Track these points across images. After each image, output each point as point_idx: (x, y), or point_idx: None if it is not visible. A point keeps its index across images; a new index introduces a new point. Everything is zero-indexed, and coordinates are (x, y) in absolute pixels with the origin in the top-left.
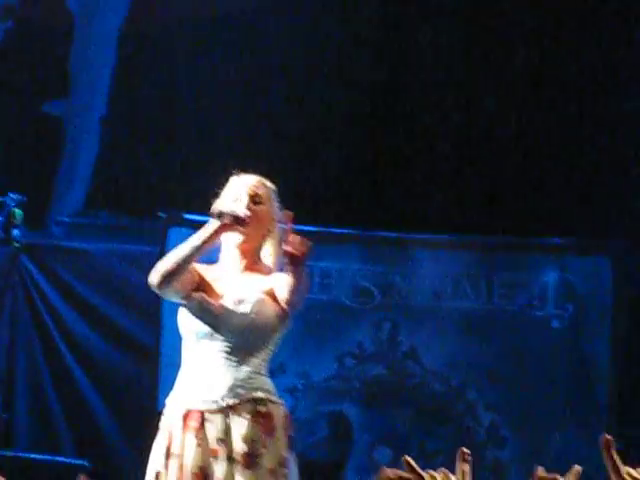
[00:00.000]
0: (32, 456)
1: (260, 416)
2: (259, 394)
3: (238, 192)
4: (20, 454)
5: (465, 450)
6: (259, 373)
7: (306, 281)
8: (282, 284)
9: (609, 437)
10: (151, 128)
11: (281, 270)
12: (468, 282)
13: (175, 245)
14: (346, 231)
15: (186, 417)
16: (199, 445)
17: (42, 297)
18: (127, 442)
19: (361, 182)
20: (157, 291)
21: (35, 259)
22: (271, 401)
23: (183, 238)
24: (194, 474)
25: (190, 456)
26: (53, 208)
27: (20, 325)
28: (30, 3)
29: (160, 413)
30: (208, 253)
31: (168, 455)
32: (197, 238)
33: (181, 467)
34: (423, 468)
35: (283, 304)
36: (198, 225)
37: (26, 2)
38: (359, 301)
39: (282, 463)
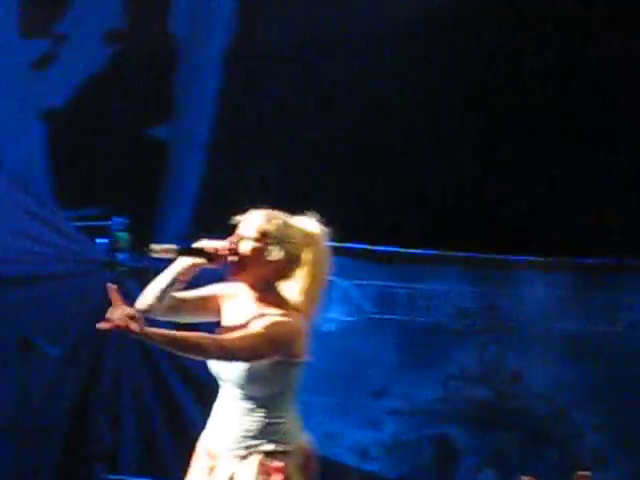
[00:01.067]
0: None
1: (268, 470)
2: (270, 447)
3: (241, 232)
4: (127, 478)
5: (585, 474)
6: (273, 420)
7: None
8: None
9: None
10: (254, 151)
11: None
12: (573, 304)
13: None
14: (451, 253)
15: (207, 454)
16: None
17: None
18: None
19: (467, 205)
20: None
21: (140, 283)
22: (283, 452)
23: None
24: None
25: None
26: (158, 231)
27: (126, 349)
28: (135, 28)
29: None
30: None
31: None
32: (169, 272)
33: None
34: None
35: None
36: None
37: (132, 27)
38: (464, 323)
39: None
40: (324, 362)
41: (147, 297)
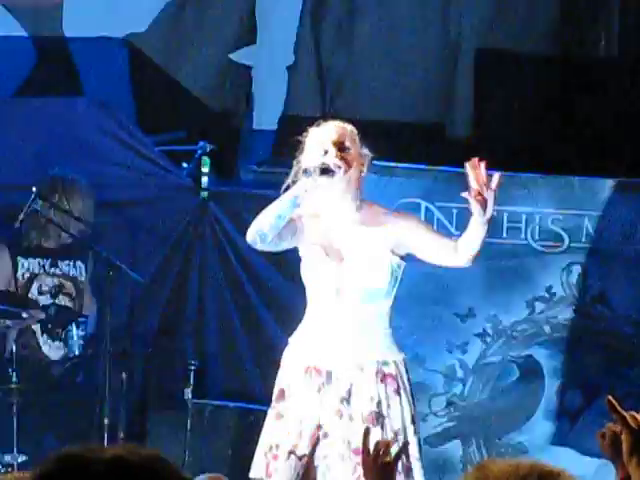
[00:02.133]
0: (226, 404)
1: (385, 377)
2: (385, 356)
3: (323, 144)
4: (213, 402)
5: None
6: (384, 331)
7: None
8: (433, 237)
9: (610, 397)
10: (334, 77)
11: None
12: None
13: None
14: (536, 175)
15: (309, 372)
16: (322, 403)
17: (231, 244)
18: None
19: (552, 125)
20: (256, 247)
21: (224, 207)
22: (396, 361)
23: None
24: (314, 431)
25: (310, 413)
26: (242, 156)
27: (210, 273)
28: None
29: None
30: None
31: (285, 409)
32: (290, 194)
33: (300, 422)
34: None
35: (459, 261)
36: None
37: None
38: (548, 245)
39: (410, 422)
40: (410, 285)
41: (268, 219)
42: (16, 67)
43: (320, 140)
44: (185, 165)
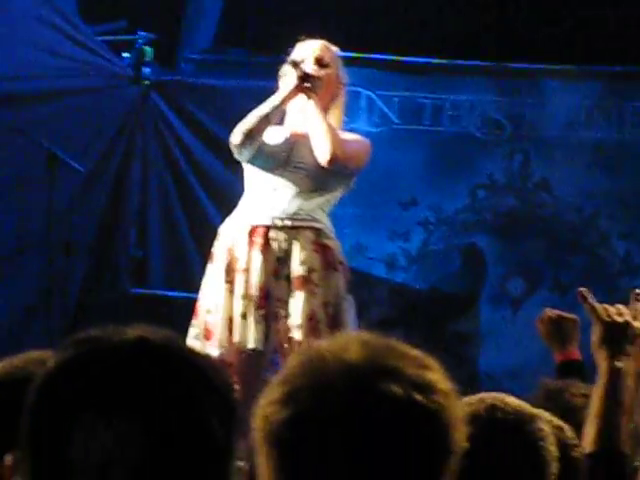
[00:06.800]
0: (168, 293)
1: (319, 246)
2: (321, 225)
3: (303, 56)
4: (155, 292)
5: (638, 291)
6: (323, 210)
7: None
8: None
9: (582, 289)
10: None
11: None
12: (599, 112)
13: None
14: (477, 63)
15: (251, 234)
16: (263, 262)
17: (172, 133)
18: None
19: (490, 13)
20: (238, 150)
21: (165, 96)
22: (331, 238)
23: None
24: (259, 289)
25: (256, 272)
26: (183, 45)
27: (151, 162)
28: None
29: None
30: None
31: (230, 271)
32: (275, 98)
33: (247, 282)
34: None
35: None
36: None
37: None
38: (490, 133)
39: (338, 299)
40: None
41: (254, 121)
42: None
43: (301, 52)
44: (126, 55)
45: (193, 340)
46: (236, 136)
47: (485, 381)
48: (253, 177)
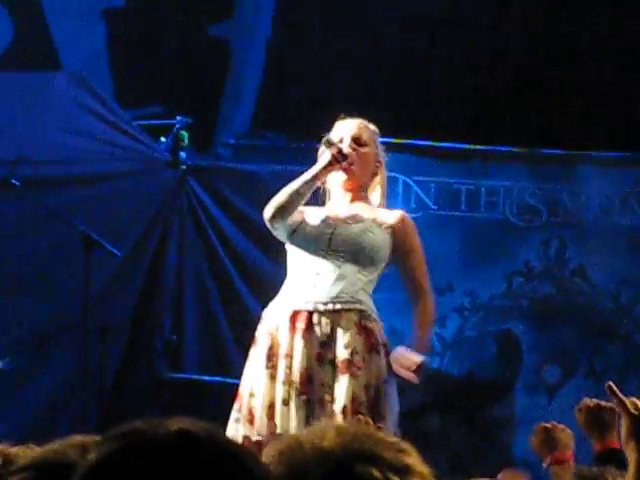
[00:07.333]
0: (203, 378)
1: (362, 328)
2: (364, 307)
3: (341, 134)
4: (190, 376)
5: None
6: (365, 291)
7: None
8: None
9: (611, 383)
10: (314, 50)
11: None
12: (635, 199)
13: None
14: (513, 149)
15: (293, 319)
16: (305, 347)
17: (209, 218)
18: None
19: (530, 100)
20: (270, 225)
21: (202, 181)
22: (374, 319)
23: None
24: (301, 375)
25: (298, 358)
26: (219, 130)
27: (187, 247)
28: None
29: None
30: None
31: (272, 356)
32: (308, 173)
33: (290, 368)
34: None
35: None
36: None
37: None
38: (526, 219)
39: (380, 381)
40: None
41: (285, 196)
42: None
43: (339, 131)
44: (163, 139)
45: (234, 424)
46: (268, 210)
47: (520, 466)
48: (295, 261)
